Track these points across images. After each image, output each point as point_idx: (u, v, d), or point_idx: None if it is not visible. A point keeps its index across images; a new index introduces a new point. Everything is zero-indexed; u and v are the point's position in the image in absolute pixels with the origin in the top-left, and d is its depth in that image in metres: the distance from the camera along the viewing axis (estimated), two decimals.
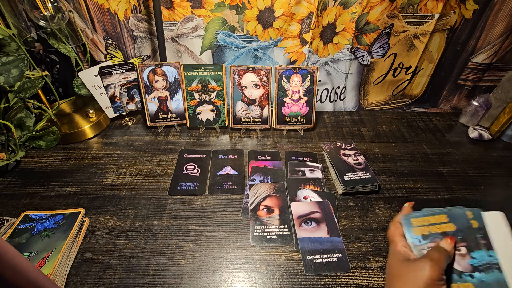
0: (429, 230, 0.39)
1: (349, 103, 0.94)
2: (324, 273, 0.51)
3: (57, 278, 0.47)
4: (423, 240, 0.39)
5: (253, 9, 0.75)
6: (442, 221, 0.39)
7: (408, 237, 0.40)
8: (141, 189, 0.65)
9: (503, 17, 0.75)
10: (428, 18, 0.77)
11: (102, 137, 0.80)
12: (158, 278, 0.50)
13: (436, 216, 0.40)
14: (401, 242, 0.40)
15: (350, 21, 0.77)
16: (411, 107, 0.96)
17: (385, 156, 0.77)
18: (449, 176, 0.71)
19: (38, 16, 0.68)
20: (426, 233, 0.39)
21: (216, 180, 0.68)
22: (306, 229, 0.57)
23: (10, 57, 0.62)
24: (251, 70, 0.77)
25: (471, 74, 0.86)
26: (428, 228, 0.39)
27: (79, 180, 0.67)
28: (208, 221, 0.59)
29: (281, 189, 0.65)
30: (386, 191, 0.67)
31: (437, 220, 0.39)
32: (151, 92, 0.79)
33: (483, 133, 0.82)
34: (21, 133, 0.70)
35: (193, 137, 0.81)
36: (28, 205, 0.61)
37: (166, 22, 0.78)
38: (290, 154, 0.76)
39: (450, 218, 0.39)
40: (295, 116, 0.82)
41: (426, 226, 0.40)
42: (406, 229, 0.41)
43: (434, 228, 0.39)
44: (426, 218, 0.40)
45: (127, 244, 0.55)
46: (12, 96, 0.64)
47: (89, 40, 0.80)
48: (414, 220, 0.41)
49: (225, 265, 0.52)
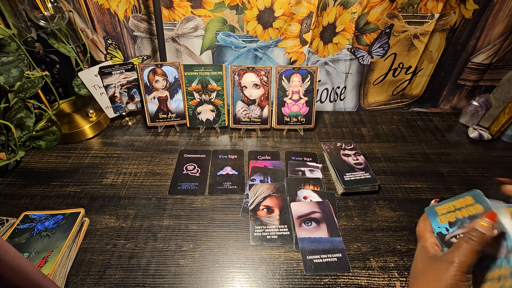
0: (456, 215, 0.36)
1: (349, 103, 0.94)
2: (324, 273, 0.51)
3: (57, 278, 0.47)
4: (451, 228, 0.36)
5: (253, 9, 0.75)
6: (468, 204, 0.36)
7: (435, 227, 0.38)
8: (141, 189, 0.65)
9: (503, 17, 0.75)
10: (428, 18, 0.77)
11: (102, 137, 0.80)
12: (158, 278, 0.50)
13: (461, 200, 0.37)
14: (431, 239, 0.38)
15: (350, 21, 0.77)
16: (411, 107, 0.96)
17: (385, 156, 0.77)
18: (449, 176, 0.71)
19: (38, 16, 0.68)
20: (453, 220, 0.36)
21: (216, 180, 0.68)
22: (306, 229, 0.57)
23: (10, 57, 0.62)
24: (251, 70, 0.77)
25: (471, 74, 0.86)
26: (454, 214, 0.36)
27: (79, 180, 0.67)
28: (208, 221, 0.59)
29: (281, 189, 0.65)
30: (386, 191, 0.67)
31: (462, 204, 0.36)
32: (151, 92, 0.79)
33: (483, 133, 0.82)
34: (21, 133, 0.70)
35: (193, 137, 0.81)
36: (28, 205, 0.61)
37: (166, 22, 0.78)
38: (290, 154, 0.76)
39: (476, 199, 0.35)
40: (295, 116, 0.82)
41: (452, 212, 0.37)
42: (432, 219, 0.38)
43: (461, 213, 0.36)
44: (450, 204, 0.37)
45: (127, 244, 0.55)
46: (12, 96, 0.64)
47: (89, 40, 0.80)
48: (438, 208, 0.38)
49: (225, 265, 0.52)
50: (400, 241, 0.56)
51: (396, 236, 0.57)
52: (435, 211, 0.39)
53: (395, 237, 0.57)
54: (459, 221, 0.36)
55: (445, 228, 0.37)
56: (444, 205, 0.38)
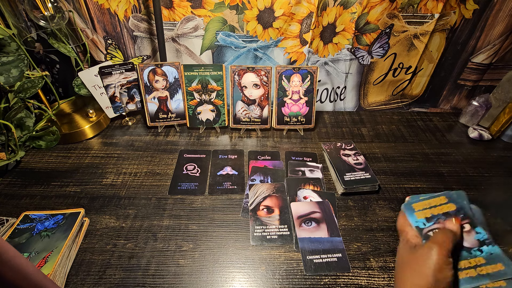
0: (431, 212, 0.40)
1: (349, 103, 0.94)
2: (324, 273, 0.51)
3: (57, 278, 0.47)
4: (427, 222, 0.40)
5: (253, 9, 0.75)
6: (442, 203, 0.41)
7: (412, 222, 0.41)
8: (141, 189, 0.65)
9: (503, 17, 0.75)
10: (428, 18, 0.77)
11: (102, 137, 0.80)
12: (158, 278, 0.50)
13: (436, 199, 0.41)
14: (411, 232, 0.40)
15: (350, 21, 0.77)
16: (411, 107, 0.96)
17: (385, 156, 0.77)
18: (449, 176, 0.71)
19: (38, 16, 0.68)
20: (429, 216, 0.40)
21: (216, 180, 0.68)
22: (306, 229, 0.57)
23: (10, 57, 0.62)
24: (251, 70, 0.77)
25: (471, 74, 0.86)
26: (430, 211, 0.41)
27: (79, 180, 0.67)
28: (208, 221, 0.59)
29: (281, 189, 0.65)
30: (386, 191, 0.67)
31: (437, 202, 0.41)
32: (151, 92, 0.79)
33: (483, 133, 0.82)
34: (21, 133, 0.70)
35: (193, 137, 0.81)
36: (28, 205, 0.61)
37: (166, 22, 0.78)
38: (290, 154, 0.76)
39: (449, 199, 0.41)
40: (295, 116, 0.82)
41: (428, 209, 0.41)
42: (409, 215, 0.42)
43: (436, 210, 0.40)
44: (426, 202, 0.42)
45: (127, 244, 0.55)
46: (12, 96, 0.64)
47: (89, 40, 0.80)
48: (415, 205, 0.42)
49: (225, 265, 0.52)
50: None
51: (396, 236, 0.57)
52: (412, 208, 0.42)
53: (395, 237, 0.57)
54: (434, 217, 0.40)
55: (423, 223, 0.40)
56: (420, 203, 0.42)
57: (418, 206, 0.42)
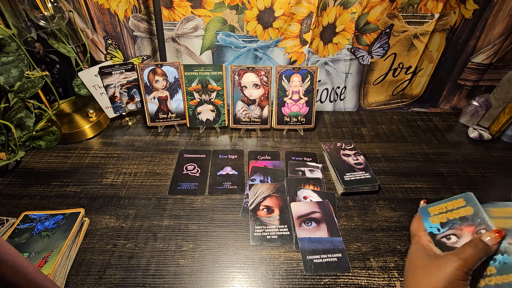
0: (447, 216, 0.38)
1: (349, 103, 0.94)
2: (324, 273, 0.51)
3: (57, 278, 0.47)
4: (442, 228, 0.38)
5: (253, 9, 0.75)
6: (460, 206, 0.38)
7: (427, 227, 0.39)
8: (141, 189, 0.65)
9: (503, 17, 0.75)
10: (428, 18, 0.77)
11: (102, 137, 0.80)
12: (158, 278, 0.50)
13: (453, 201, 0.39)
14: (426, 237, 0.39)
15: (350, 21, 0.77)
16: (411, 107, 0.96)
17: (385, 156, 0.77)
18: (449, 176, 0.71)
19: (38, 16, 0.68)
20: (444, 220, 0.38)
21: (216, 180, 0.68)
22: (306, 229, 0.57)
23: (10, 57, 0.62)
24: (251, 70, 0.77)
25: (471, 74, 0.86)
26: (446, 215, 0.39)
27: (79, 180, 0.67)
28: (208, 221, 0.59)
29: (281, 189, 0.65)
30: (386, 191, 0.67)
31: (454, 205, 0.38)
32: (151, 92, 0.79)
33: (483, 133, 0.82)
34: (21, 133, 0.70)
35: (193, 137, 0.81)
36: (28, 205, 0.61)
37: (166, 22, 0.78)
38: (290, 154, 0.76)
39: (467, 201, 0.38)
40: (295, 116, 0.82)
41: (444, 213, 0.39)
42: (424, 220, 0.40)
43: (452, 214, 0.38)
44: (443, 205, 0.39)
45: (127, 244, 0.55)
46: (12, 96, 0.64)
47: (89, 40, 0.80)
48: (431, 209, 0.40)
49: (225, 265, 0.52)
50: (400, 241, 0.56)
51: (396, 236, 0.57)
52: (428, 212, 0.41)
53: (395, 237, 0.57)
54: (450, 222, 0.38)
55: (437, 229, 0.39)
56: (437, 206, 0.40)
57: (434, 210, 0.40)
